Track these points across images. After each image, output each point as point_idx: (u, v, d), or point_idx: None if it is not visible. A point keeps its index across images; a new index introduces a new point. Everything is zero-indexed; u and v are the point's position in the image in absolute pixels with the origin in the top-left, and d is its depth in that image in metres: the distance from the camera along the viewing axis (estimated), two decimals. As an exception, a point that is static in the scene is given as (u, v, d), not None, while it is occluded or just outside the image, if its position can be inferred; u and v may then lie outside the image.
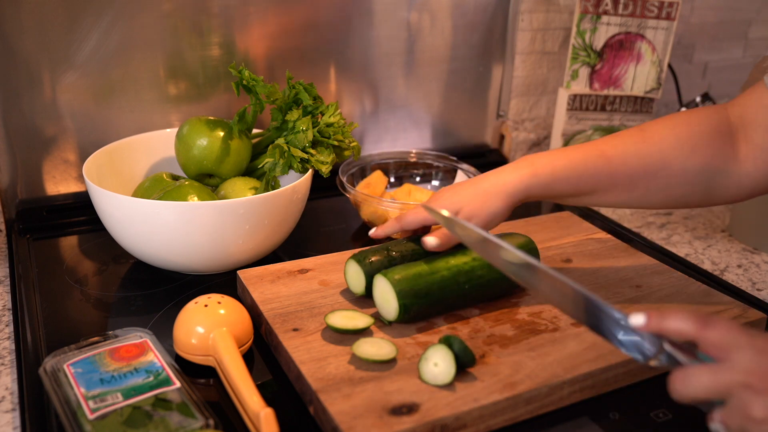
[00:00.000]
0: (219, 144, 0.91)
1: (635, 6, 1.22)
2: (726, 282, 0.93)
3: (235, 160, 0.93)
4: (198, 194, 0.87)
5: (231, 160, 0.92)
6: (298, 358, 0.68)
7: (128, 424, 0.59)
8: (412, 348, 0.70)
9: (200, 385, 0.70)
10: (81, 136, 1.04)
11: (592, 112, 1.28)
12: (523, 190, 0.76)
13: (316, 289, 0.81)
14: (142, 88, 1.05)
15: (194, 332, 0.70)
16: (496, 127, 1.37)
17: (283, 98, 0.94)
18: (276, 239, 0.90)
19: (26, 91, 0.98)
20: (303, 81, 0.94)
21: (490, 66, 1.31)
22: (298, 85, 0.93)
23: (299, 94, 0.93)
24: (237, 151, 0.93)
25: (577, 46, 1.25)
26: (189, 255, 0.85)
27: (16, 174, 1.02)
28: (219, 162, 0.92)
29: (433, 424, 0.60)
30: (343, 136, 0.95)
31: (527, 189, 0.76)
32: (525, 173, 0.76)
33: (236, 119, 0.91)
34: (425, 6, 1.21)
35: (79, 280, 0.89)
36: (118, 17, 1.00)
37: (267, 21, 1.10)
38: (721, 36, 1.57)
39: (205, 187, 0.90)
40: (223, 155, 0.92)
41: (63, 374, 0.65)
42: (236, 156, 0.93)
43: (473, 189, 0.77)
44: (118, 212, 0.83)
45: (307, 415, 0.65)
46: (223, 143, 0.91)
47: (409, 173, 1.17)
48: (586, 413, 0.66)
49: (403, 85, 1.25)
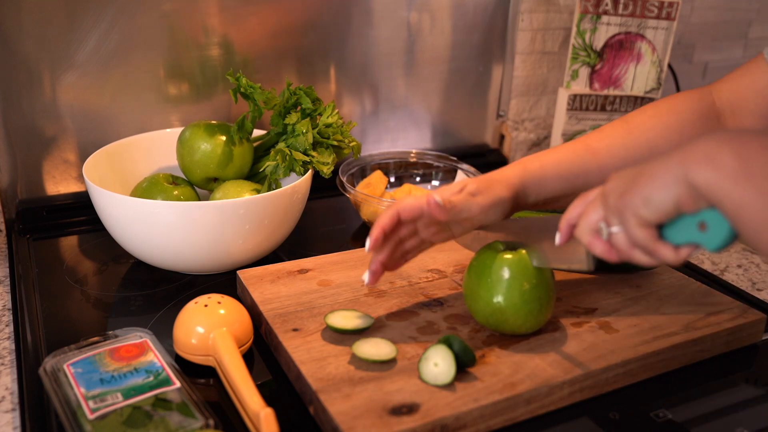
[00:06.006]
0: (221, 148, 0.91)
1: (635, 6, 1.22)
2: (726, 282, 0.93)
3: (239, 164, 0.93)
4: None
5: (235, 164, 0.93)
6: (298, 358, 0.68)
7: (128, 424, 0.59)
8: (412, 348, 0.70)
9: (200, 385, 0.70)
10: (81, 136, 1.04)
11: (592, 112, 1.28)
12: (519, 183, 0.74)
13: (316, 289, 0.81)
14: (142, 88, 1.05)
15: (194, 332, 0.70)
16: (496, 127, 1.37)
17: (281, 103, 0.94)
18: (276, 239, 0.90)
19: (26, 91, 0.98)
20: (302, 86, 0.94)
21: (490, 66, 1.31)
22: (299, 90, 0.94)
23: (300, 98, 0.93)
24: (240, 155, 0.93)
25: (577, 46, 1.25)
26: (189, 255, 0.85)
27: (16, 174, 1.02)
28: (223, 166, 0.92)
29: (433, 424, 0.60)
30: (342, 136, 0.95)
31: (522, 182, 0.74)
32: (517, 169, 0.75)
33: (235, 128, 0.91)
34: (425, 6, 1.21)
35: (79, 280, 0.89)
36: (118, 17, 1.00)
37: (267, 21, 1.10)
38: (721, 36, 1.57)
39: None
40: (227, 159, 0.92)
41: (63, 374, 0.65)
42: (239, 160, 0.93)
43: (476, 177, 0.75)
44: (118, 212, 0.83)
45: (307, 415, 0.65)
46: (225, 147, 0.91)
47: (409, 173, 1.17)
48: (586, 413, 0.66)
49: (403, 85, 1.25)
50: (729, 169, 0.48)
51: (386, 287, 0.82)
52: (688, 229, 0.53)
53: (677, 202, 0.52)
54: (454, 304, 0.79)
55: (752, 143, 0.48)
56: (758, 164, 0.47)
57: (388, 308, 0.77)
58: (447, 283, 0.83)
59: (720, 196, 0.48)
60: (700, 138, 0.51)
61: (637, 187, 0.54)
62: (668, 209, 0.52)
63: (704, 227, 0.52)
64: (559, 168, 0.75)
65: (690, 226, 0.53)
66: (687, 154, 0.51)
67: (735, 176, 0.47)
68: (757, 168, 0.47)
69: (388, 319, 0.75)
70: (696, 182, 0.50)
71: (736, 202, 0.47)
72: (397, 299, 0.79)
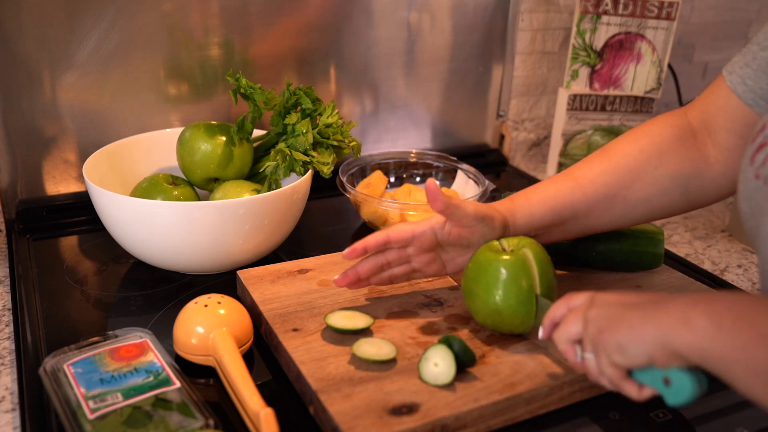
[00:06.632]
0: (222, 149, 0.91)
1: (635, 6, 1.22)
2: (726, 282, 0.93)
3: (239, 164, 0.93)
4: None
5: (235, 164, 0.92)
6: (298, 358, 0.68)
7: (128, 424, 0.59)
8: (412, 348, 0.70)
9: (200, 385, 0.70)
10: (81, 136, 1.04)
11: (592, 112, 1.28)
12: (507, 210, 0.76)
13: (316, 289, 0.81)
14: (142, 88, 1.05)
15: (194, 332, 0.70)
16: (496, 127, 1.37)
17: (281, 103, 0.94)
18: (276, 239, 0.90)
19: (26, 91, 0.98)
20: (302, 86, 0.94)
21: (490, 66, 1.31)
22: (299, 90, 0.94)
23: (300, 99, 0.93)
24: (240, 156, 0.93)
25: (577, 46, 1.25)
26: (189, 255, 0.85)
27: (16, 174, 1.02)
28: (223, 166, 0.92)
29: (433, 424, 0.60)
30: (342, 136, 0.95)
31: (511, 210, 0.76)
32: (505, 202, 0.77)
33: (235, 129, 0.91)
34: (425, 6, 1.21)
35: (79, 280, 0.89)
36: (118, 17, 1.00)
37: (267, 21, 1.10)
38: (721, 36, 1.57)
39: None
40: (227, 160, 0.92)
41: (63, 374, 0.65)
42: (239, 160, 0.93)
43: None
44: (118, 212, 0.83)
45: (307, 415, 0.65)
46: (225, 148, 0.91)
47: (409, 173, 1.17)
48: (586, 413, 0.66)
49: (403, 85, 1.25)
50: (704, 332, 0.50)
51: (386, 287, 0.82)
52: (654, 379, 0.56)
53: (650, 357, 0.54)
54: (454, 304, 0.79)
55: (719, 303, 0.51)
56: (728, 322, 0.49)
57: (388, 308, 0.78)
58: (447, 283, 0.83)
59: (704, 357, 0.50)
60: (673, 300, 0.53)
61: (615, 331, 0.56)
62: (640, 362, 0.55)
63: (668, 383, 0.55)
64: (545, 199, 0.76)
65: (656, 377, 0.56)
66: (662, 318, 0.53)
67: (711, 337, 0.50)
68: (727, 326, 0.49)
69: (388, 319, 0.75)
70: (676, 347, 0.52)
71: (718, 361, 0.50)
72: (397, 299, 0.79)
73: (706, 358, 0.50)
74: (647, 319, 0.54)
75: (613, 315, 0.57)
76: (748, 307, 0.50)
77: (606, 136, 1.30)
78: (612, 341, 0.56)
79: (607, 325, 0.57)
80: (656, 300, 0.55)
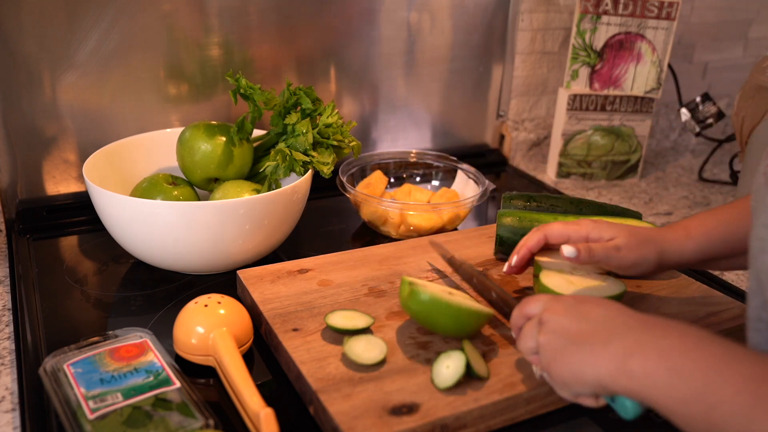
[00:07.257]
0: (222, 149, 0.91)
1: (635, 6, 1.22)
2: (726, 282, 0.93)
3: (239, 164, 0.93)
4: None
5: (235, 165, 0.93)
6: (298, 358, 0.68)
7: (128, 424, 0.59)
8: (412, 348, 0.70)
9: (200, 385, 0.70)
10: (81, 136, 1.04)
11: (592, 112, 1.28)
12: (677, 251, 0.73)
13: (315, 289, 0.81)
14: (142, 88, 1.05)
15: (194, 332, 0.70)
16: (496, 127, 1.37)
17: (281, 103, 0.94)
18: (276, 239, 0.90)
19: (26, 91, 0.98)
20: (302, 86, 0.94)
21: (490, 66, 1.31)
22: (299, 90, 0.94)
23: (300, 99, 0.93)
24: (240, 156, 0.93)
25: (577, 46, 1.25)
26: (189, 255, 0.85)
27: (16, 174, 1.02)
28: (223, 166, 0.92)
29: (433, 424, 0.60)
30: (342, 136, 0.95)
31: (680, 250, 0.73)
32: (680, 234, 0.73)
33: (235, 129, 0.91)
34: (425, 6, 1.21)
35: (79, 280, 0.89)
36: (118, 17, 1.00)
37: (267, 21, 1.10)
38: (721, 36, 1.57)
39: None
40: (227, 160, 0.92)
41: (63, 374, 0.65)
42: (239, 160, 0.93)
43: (630, 228, 0.74)
44: (118, 212, 0.83)
45: (307, 415, 0.65)
46: (225, 148, 0.91)
47: (409, 173, 1.17)
48: (586, 413, 0.66)
49: (403, 85, 1.25)
50: (641, 381, 0.51)
51: (386, 287, 0.82)
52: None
53: (593, 393, 0.56)
54: (454, 304, 0.79)
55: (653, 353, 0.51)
56: (663, 377, 0.50)
57: (388, 308, 0.77)
58: (447, 284, 0.83)
59: (644, 401, 0.51)
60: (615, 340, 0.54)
61: (559, 369, 0.57)
62: (584, 396, 0.58)
63: (614, 400, 0.56)
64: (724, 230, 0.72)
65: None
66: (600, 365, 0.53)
67: (649, 389, 0.50)
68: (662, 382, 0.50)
69: (388, 319, 0.75)
70: (616, 390, 0.53)
71: (656, 406, 0.50)
72: (397, 299, 0.79)
73: (646, 402, 0.51)
74: (585, 365, 0.55)
75: (559, 348, 0.57)
76: (685, 354, 0.50)
77: (606, 136, 1.30)
78: (557, 377, 0.57)
79: (553, 358, 0.57)
80: (598, 337, 0.55)
